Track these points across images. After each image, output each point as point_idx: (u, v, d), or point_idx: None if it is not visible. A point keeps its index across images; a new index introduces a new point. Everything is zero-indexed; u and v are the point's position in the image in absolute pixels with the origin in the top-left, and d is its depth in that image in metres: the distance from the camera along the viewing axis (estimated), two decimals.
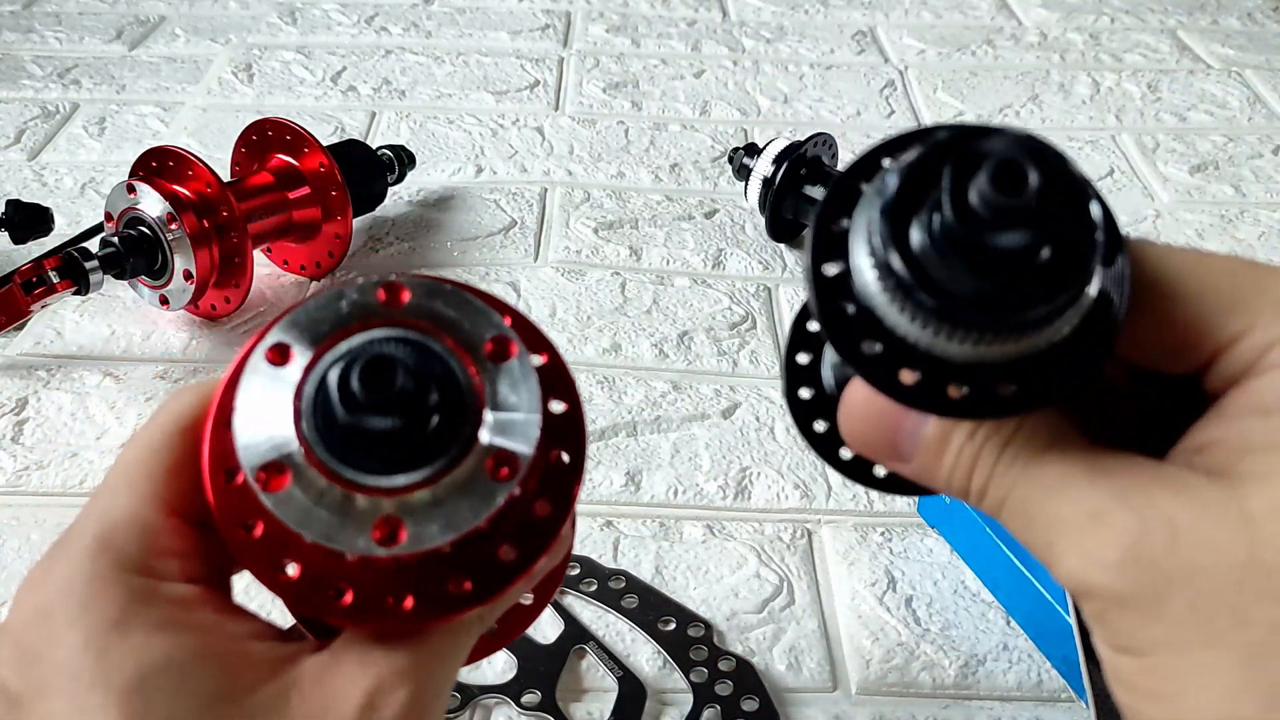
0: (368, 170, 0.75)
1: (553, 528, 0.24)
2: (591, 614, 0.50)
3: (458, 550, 0.23)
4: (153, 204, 0.62)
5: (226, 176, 0.71)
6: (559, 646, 0.48)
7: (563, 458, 0.24)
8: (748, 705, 0.46)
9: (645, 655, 0.48)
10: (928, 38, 1.08)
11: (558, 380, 0.25)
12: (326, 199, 0.70)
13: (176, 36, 1.04)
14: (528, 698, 0.46)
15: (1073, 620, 0.42)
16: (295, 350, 0.23)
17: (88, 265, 0.61)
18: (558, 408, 0.25)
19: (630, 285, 0.72)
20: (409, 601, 0.23)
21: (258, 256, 0.70)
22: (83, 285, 0.61)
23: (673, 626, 0.49)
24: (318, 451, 0.22)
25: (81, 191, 0.80)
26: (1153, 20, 1.13)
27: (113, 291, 0.67)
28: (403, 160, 0.78)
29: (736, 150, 0.77)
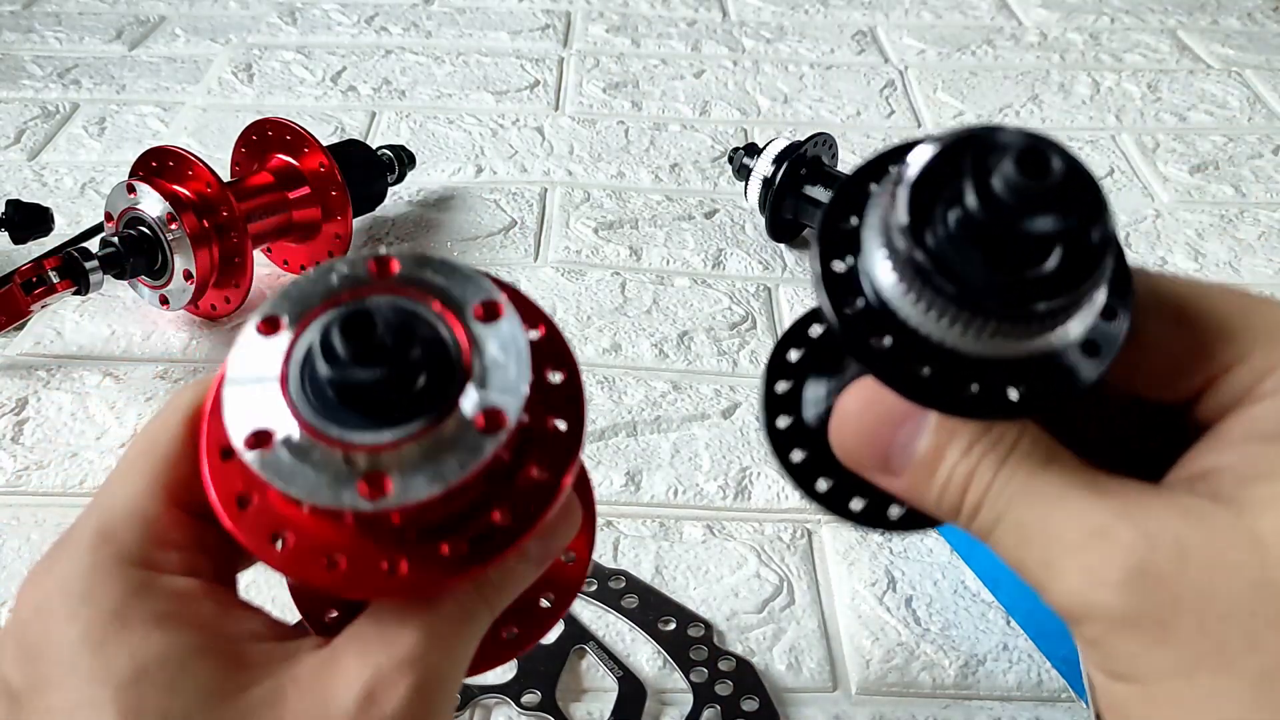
0: (368, 170, 0.75)
1: (549, 493, 0.23)
2: (591, 614, 0.50)
3: (451, 516, 0.23)
4: (153, 204, 0.62)
5: (226, 176, 0.71)
6: (559, 646, 0.48)
7: (559, 425, 0.24)
8: (748, 705, 0.46)
9: (645, 655, 0.48)
10: (928, 38, 1.08)
11: (555, 352, 0.25)
12: (326, 199, 0.70)
13: (176, 36, 1.04)
14: (528, 698, 0.46)
15: None
16: (285, 321, 0.23)
17: (88, 265, 0.61)
18: (555, 378, 0.25)
19: (630, 285, 0.72)
20: (403, 566, 0.22)
21: (258, 256, 0.70)
22: (83, 285, 0.61)
23: (673, 626, 0.49)
24: (303, 411, 0.21)
25: (81, 191, 0.81)
26: (1153, 20, 1.13)
27: (113, 291, 0.67)
28: (403, 160, 0.78)
29: (736, 150, 0.77)
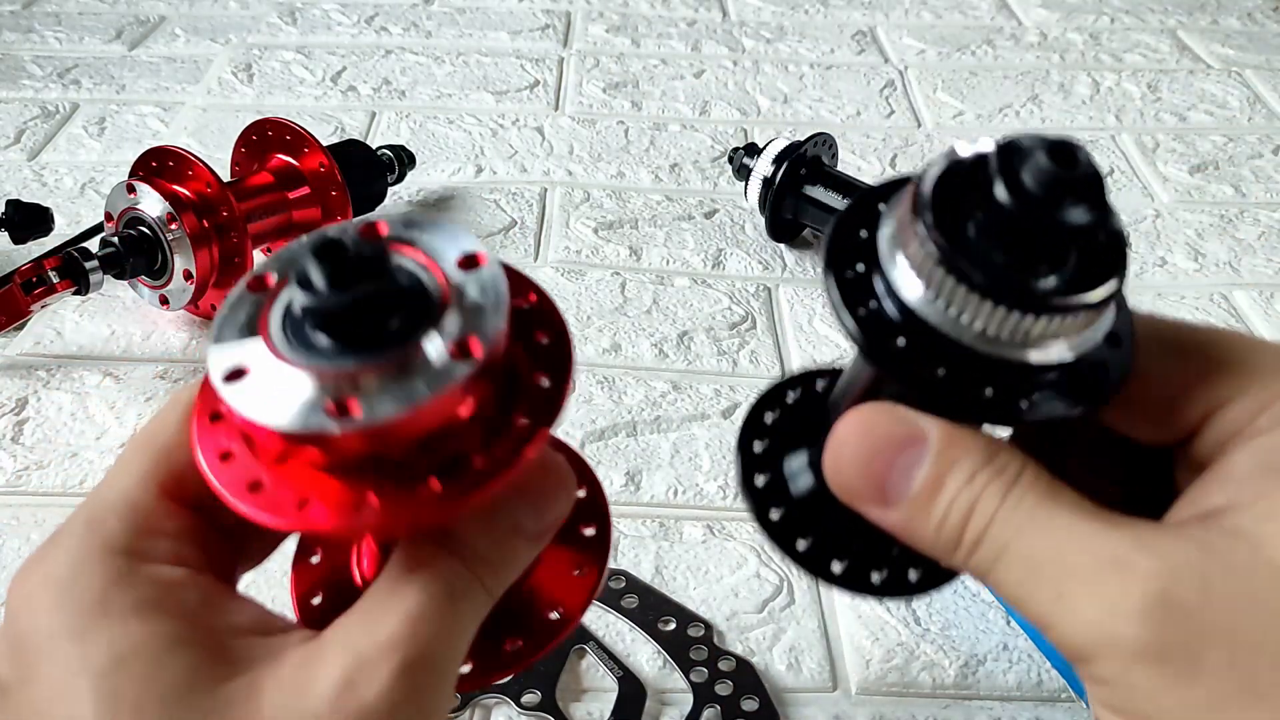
0: (368, 170, 0.75)
1: (529, 434, 0.23)
2: (591, 614, 0.50)
3: (430, 457, 0.22)
4: (153, 204, 0.62)
5: (226, 176, 0.71)
6: (559, 647, 0.48)
7: (545, 383, 0.24)
8: (748, 705, 0.46)
9: (645, 655, 0.48)
10: (928, 38, 1.08)
11: (545, 318, 0.25)
12: (326, 199, 0.70)
13: (176, 36, 1.04)
14: (528, 698, 0.46)
15: None
16: (274, 279, 0.23)
17: (88, 265, 0.61)
18: (545, 340, 0.25)
19: (630, 285, 0.72)
20: (373, 499, 0.22)
21: (258, 256, 0.70)
22: (83, 285, 0.61)
23: (673, 626, 0.49)
24: (278, 345, 0.22)
25: (81, 191, 0.81)
26: (1153, 20, 1.13)
27: (113, 291, 0.67)
28: (403, 160, 0.78)
29: (736, 150, 0.77)
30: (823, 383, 0.29)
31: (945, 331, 0.21)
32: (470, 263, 0.23)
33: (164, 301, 0.65)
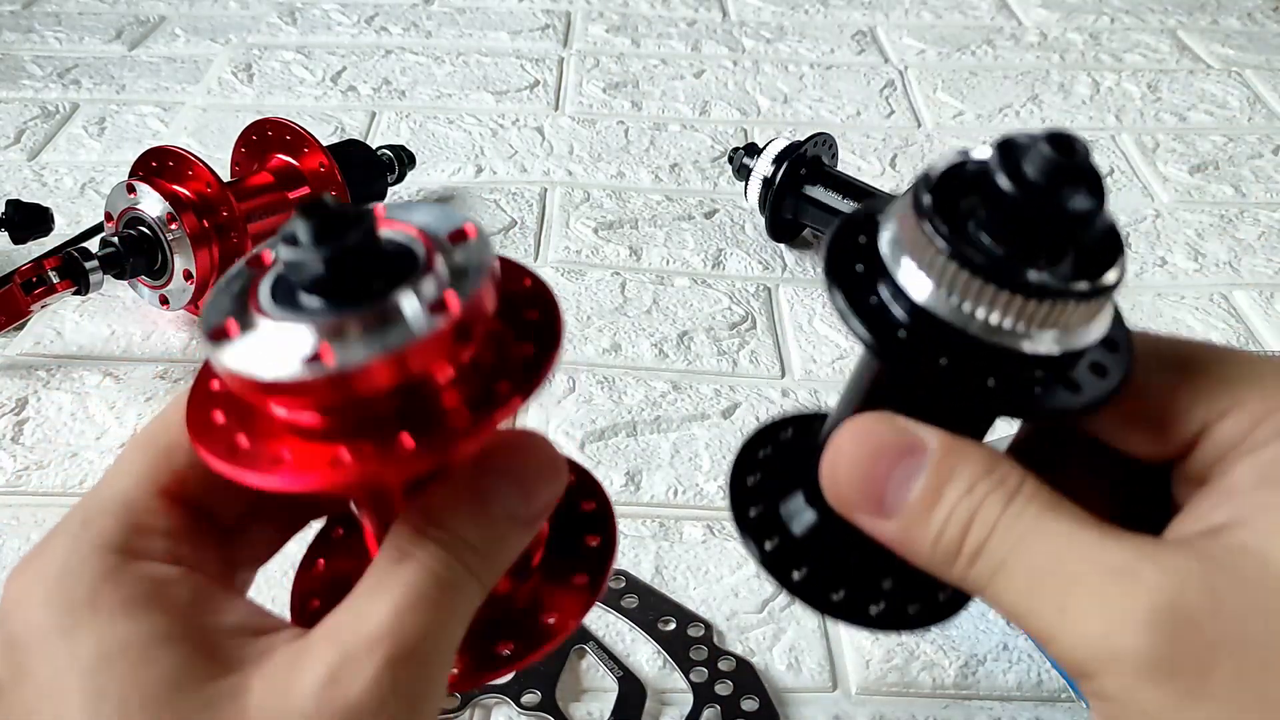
0: (368, 170, 0.75)
1: (509, 394, 0.23)
2: (592, 614, 0.50)
3: (401, 417, 0.23)
4: (153, 204, 0.62)
5: (226, 176, 0.71)
6: (559, 647, 0.48)
7: (528, 353, 0.24)
8: (748, 705, 0.46)
9: (645, 655, 0.48)
10: (928, 38, 1.08)
11: (538, 298, 0.26)
12: None
13: (176, 36, 1.04)
14: (528, 698, 0.46)
15: None
16: (270, 255, 0.24)
17: (88, 265, 0.61)
18: (534, 317, 0.25)
19: (630, 285, 0.72)
20: (345, 454, 0.22)
21: None
22: (83, 285, 0.61)
23: (672, 626, 0.49)
24: (263, 304, 0.22)
25: (81, 191, 0.81)
26: (1153, 20, 1.13)
27: (113, 291, 0.67)
28: (403, 160, 0.78)
29: (736, 150, 0.77)
30: (818, 424, 0.30)
31: (951, 321, 0.21)
32: (459, 236, 0.24)
33: (164, 301, 0.65)
